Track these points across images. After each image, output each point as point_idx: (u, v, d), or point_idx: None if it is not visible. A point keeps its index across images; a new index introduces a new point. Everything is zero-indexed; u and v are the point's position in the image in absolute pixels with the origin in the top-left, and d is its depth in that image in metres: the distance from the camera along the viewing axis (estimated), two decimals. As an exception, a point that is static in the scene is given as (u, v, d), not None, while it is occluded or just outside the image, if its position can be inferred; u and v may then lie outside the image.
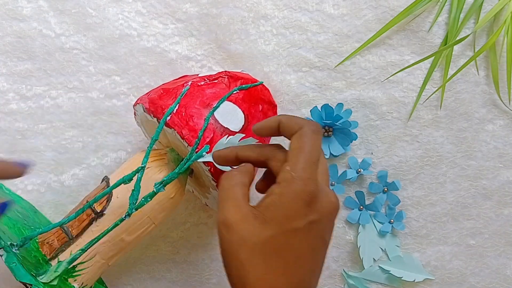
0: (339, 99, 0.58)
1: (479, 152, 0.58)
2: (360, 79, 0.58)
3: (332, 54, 0.58)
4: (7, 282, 0.58)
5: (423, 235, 0.59)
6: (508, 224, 0.59)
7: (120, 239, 0.47)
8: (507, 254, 0.59)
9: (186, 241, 0.60)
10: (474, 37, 0.58)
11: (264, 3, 0.57)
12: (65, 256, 0.46)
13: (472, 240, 0.59)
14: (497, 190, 0.59)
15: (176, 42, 0.58)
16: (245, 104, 0.50)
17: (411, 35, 0.58)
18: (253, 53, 0.58)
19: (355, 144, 0.58)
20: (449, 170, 0.59)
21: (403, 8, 0.56)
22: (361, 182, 0.59)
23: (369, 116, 0.58)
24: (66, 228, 0.46)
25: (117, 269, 0.60)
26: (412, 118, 0.58)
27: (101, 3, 0.58)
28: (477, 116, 0.58)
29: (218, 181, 0.47)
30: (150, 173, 0.48)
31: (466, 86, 0.58)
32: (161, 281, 0.60)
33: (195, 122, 0.46)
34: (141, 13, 0.58)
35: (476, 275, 0.59)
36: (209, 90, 0.49)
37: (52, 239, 0.47)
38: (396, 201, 0.58)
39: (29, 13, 0.58)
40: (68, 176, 0.59)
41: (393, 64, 0.58)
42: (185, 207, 0.59)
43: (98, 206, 0.47)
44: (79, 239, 0.46)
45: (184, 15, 0.58)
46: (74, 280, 0.46)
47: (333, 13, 0.57)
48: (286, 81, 0.58)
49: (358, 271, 0.59)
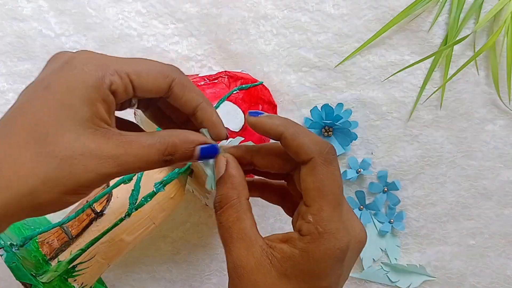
0: (339, 99, 0.58)
1: (479, 152, 0.58)
2: (360, 79, 0.58)
3: (332, 54, 0.58)
4: (7, 282, 0.58)
5: (423, 235, 0.59)
6: (508, 224, 0.59)
7: (120, 239, 0.47)
8: (507, 254, 0.59)
9: (186, 241, 0.60)
10: (474, 37, 0.58)
11: (264, 3, 0.57)
12: (65, 256, 0.46)
13: (472, 240, 0.59)
14: (497, 190, 0.59)
15: (176, 42, 0.58)
16: (245, 104, 0.50)
17: (411, 35, 0.57)
18: (253, 53, 0.58)
19: (355, 144, 0.58)
20: (449, 170, 0.59)
21: (403, 8, 0.56)
22: (361, 182, 0.59)
23: (369, 116, 0.58)
24: (66, 228, 0.47)
25: (117, 269, 0.60)
26: (412, 118, 0.58)
27: (101, 3, 0.58)
28: (477, 116, 0.58)
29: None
30: (150, 173, 0.48)
31: (466, 86, 0.58)
32: (161, 281, 0.60)
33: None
34: (141, 13, 0.58)
35: (476, 275, 0.59)
36: (209, 90, 0.50)
37: (52, 239, 0.47)
38: (396, 201, 0.58)
39: (29, 13, 0.58)
40: (68, 176, 0.59)
41: (393, 64, 0.58)
42: (185, 207, 0.59)
43: (98, 206, 0.47)
44: (79, 239, 0.46)
45: (184, 15, 0.58)
46: (74, 280, 0.46)
47: (333, 13, 0.57)
48: (286, 81, 0.58)
49: (358, 271, 0.59)
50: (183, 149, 0.30)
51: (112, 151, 0.28)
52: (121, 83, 0.29)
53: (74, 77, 0.28)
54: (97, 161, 0.27)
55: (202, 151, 0.31)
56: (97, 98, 0.28)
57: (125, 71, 0.29)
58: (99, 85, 0.28)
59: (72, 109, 0.27)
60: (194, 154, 0.31)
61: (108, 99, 0.28)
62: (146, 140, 0.29)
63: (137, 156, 0.29)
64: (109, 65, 0.29)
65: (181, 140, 0.30)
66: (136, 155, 0.29)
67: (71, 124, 0.27)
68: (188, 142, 0.30)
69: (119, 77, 0.29)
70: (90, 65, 0.28)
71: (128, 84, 0.29)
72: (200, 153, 0.31)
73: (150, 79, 0.30)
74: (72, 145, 0.27)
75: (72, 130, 0.27)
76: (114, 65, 0.29)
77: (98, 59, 0.29)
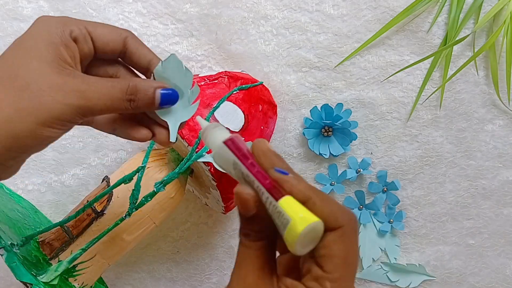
0: (339, 99, 0.58)
1: (478, 152, 0.59)
2: (359, 79, 0.58)
3: (332, 54, 0.58)
4: (7, 282, 0.58)
5: (422, 235, 0.59)
6: (507, 224, 0.59)
7: (121, 238, 0.47)
8: (506, 254, 0.59)
9: (186, 241, 0.60)
10: (473, 37, 0.58)
11: (264, 3, 0.58)
12: (66, 256, 0.46)
13: (472, 240, 0.59)
14: (497, 190, 0.59)
15: (176, 42, 0.58)
16: (245, 104, 0.50)
17: (411, 35, 0.58)
18: (253, 53, 0.58)
19: (355, 144, 0.59)
20: (448, 170, 0.59)
21: (402, 8, 0.56)
22: (361, 182, 0.59)
23: (369, 116, 0.58)
24: (67, 227, 0.47)
25: (117, 269, 0.60)
26: (411, 118, 0.58)
27: (101, 3, 0.58)
28: (477, 116, 0.58)
29: (218, 181, 0.47)
30: (151, 173, 0.48)
31: (465, 86, 0.58)
32: (161, 281, 0.60)
33: (195, 122, 0.46)
34: (141, 14, 0.58)
35: (475, 275, 0.59)
36: (209, 90, 0.50)
37: (52, 238, 0.47)
38: (396, 201, 0.58)
39: (29, 13, 0.58)
40: (68, 176, 0.59)
41: (393, 64, 0.58)
42: (185, 207, 0.59)
43: (98, 205, 0.47)
44: (80, 238, 0.46)
45: (184, 15, 0.58)
46: (74, 280, 0.46)
47: (333, 13, 0.57)
48: (286, 81, 0.58)
49: (358, 271, 0.59)
50: (143, 91, 0.33)
51: (77, 86, 0.31)
52: (80, 32, 0.33)
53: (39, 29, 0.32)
54: (63, 93, 0.31)
55: (163, 96, 0.34)
56: (60, 43, 0.32)
57: (83, 24, 0.33)
58: (61, 32, 0.32)
59: (38, 51, 0.31)
60: (155, 97, 0.34)
61: (71, 45, 0.33)
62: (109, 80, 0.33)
63: (101, 92, 0.32)
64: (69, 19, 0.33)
65: (141, 83, 0.33)
66: (100, 91, 0.32)
67: (38, 63, 0.31)
68: (148, 86, 0.34)
69: (78, 28, 0.33)
70: (52, 20, 0.33)
71: (86, 35, 0.33)
72: (161, 97, 0.34)
73: (106, 33, 0.34)
74: (40, 80, 0.31)
75: (39, 68, 0.31)
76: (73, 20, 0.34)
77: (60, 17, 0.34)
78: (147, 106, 0.34)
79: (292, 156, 0.59)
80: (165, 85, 0.34)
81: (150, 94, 0.34)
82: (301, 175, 0.61)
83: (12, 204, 0.51)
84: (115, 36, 0.34)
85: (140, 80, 0.34)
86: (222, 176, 0.47)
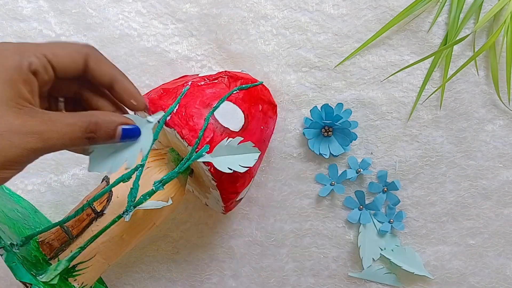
0: (339, 99, 0.58)
1: (478, 152, 0.58)
2: (360, 79, 0.58)
3: (332, 54, 0.58)
4: (7, 282, 0.58)
5: (422, 235, 0.59)
6: (507, 224, 0.59)
7: (120, 238, 0.47)
8: (506, 254, 0.59)
9: (186, 241, 0.60)
10: (474, 37, 0.58)
11: (264, 3, 0.58)
12: (65, 256, 0.46)
13: (472, 240, 0.59)
14: (497, 190, 0.59)
15: (176, 42, 0.58)
16: (245, 104, 0.50)
17: (411, 35, 0.58)
18: (253, 53, 0.58)
19: (355, 144, 0.58)
20: (448, 170, 0.59)
21: (403, 8, 0.56)
22: (361, 182, 0.59)
23: (369, 116, 0.58)
24: (66, 227, 0.47)
25: (117, 269, 0.60)
26: (412, 118, 0.58)
27: (101, 3, 0.58)
28: (477, 116, 0.58)
29: (218, 181, 0.47)
30: (150, 172, 0.48)
31: (466, 86, 0.58)
32: (161, 281, 0.60)
33: (195, 122, 0.46)
34: (141, 13, 0.58)
35: (475, 275, 0.59)
36: (209, 90, 0.50)
37: (52, 238, 0.47)
38: (396, 201, 0.58)
39: (29, 13, 0.58)
40: (68, 176, 0.59)
41: (393, 64, 0.58)
42: (185, 207, 0.59)
43: (98, 205, 0.47)
44: (79, 238, 0.46)
45: (184, 15, 0.58)
46: (74, 280, 0.46)
47: (333, 13, 0.57)
48: (286, 81, 0.58)
49: (358, 271, 0.59)
50: (104, 128, 0.33)
51: (37, 127, 0.30)
52: (39, 63, 0.31)
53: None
54: (22, 136, 0.30)
55: (124, 131, 0.33)
56: (18, 80, 0.30)
57: (41, 52, 0.31)
58: (19, 67, 0.30)
59: None
60: (116, 133, 0.33)
61: (30, 79, 0.31)
62: (69, 118, 0.32)
63: (61, 132, 0.31)
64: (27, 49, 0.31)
65: (103, 119, 0.33)
66: (59, 131, 0.31)
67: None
68: (109, 122, 0.33)
69: (37, 58, 0.31)
70: (8, 51, 0.31)
71: (46, 64, 0.32)
72: (122, 133, 0.33)
73: (66, 56, 0.32)
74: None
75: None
76: (31, 49, 0.31)
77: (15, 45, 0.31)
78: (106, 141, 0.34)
79: (292, 156, 0.59)
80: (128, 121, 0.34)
81: (110, 131, 0.33)
82: (301, 175, 0.61)
83: (12, 204, 0.50)
84: (76, 57, 0.33)
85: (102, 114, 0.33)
86: (222, 176, 0.47)
